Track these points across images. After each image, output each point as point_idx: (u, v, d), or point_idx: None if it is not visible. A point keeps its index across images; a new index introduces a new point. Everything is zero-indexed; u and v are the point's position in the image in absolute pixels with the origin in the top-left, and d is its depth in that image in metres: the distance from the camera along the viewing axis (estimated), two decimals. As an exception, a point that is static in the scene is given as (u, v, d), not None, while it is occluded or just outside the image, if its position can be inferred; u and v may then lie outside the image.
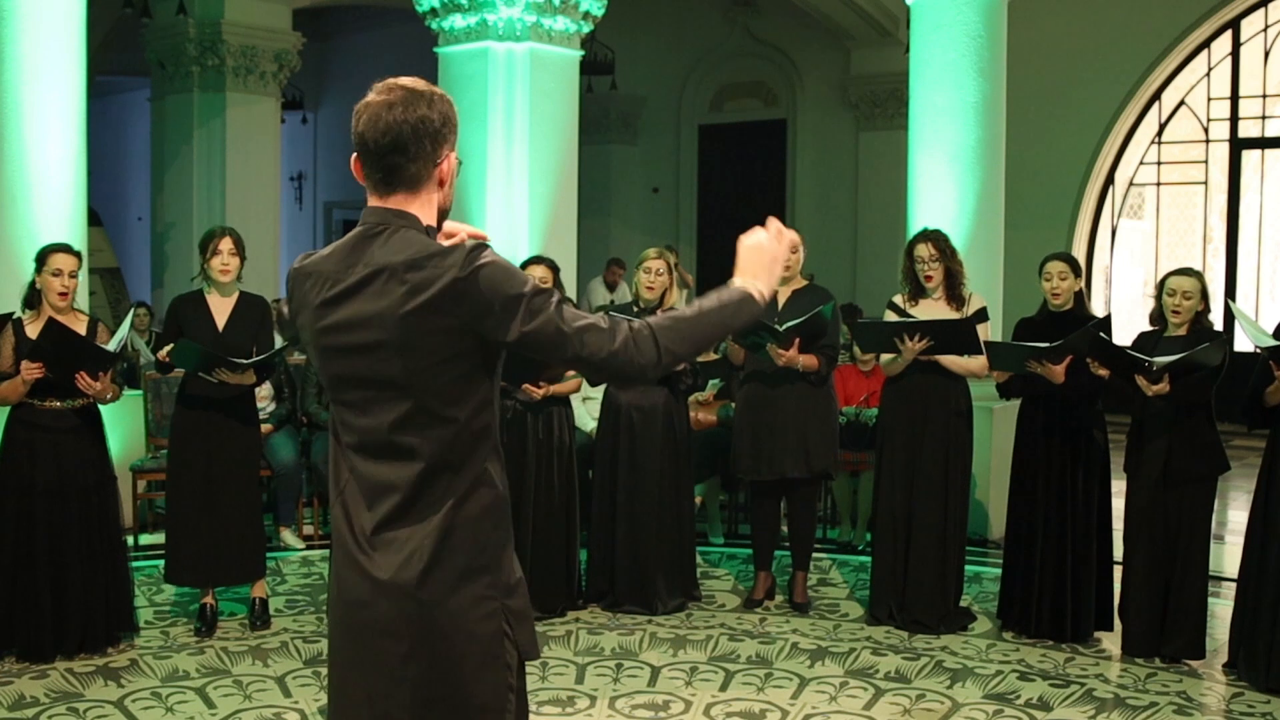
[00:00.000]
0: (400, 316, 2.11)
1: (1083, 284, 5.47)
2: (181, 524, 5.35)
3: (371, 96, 2.18)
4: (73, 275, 4.96)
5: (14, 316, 4.99)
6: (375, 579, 2.16)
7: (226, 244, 5.25)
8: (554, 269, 5.74)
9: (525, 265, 5.77)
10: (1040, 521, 5.33)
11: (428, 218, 2.22)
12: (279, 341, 6.33)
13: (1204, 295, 5.06)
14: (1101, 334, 5.03)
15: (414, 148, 2.17)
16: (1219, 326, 5.33)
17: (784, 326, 5.42)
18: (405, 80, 2.21)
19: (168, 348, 5.17)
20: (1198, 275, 5.15)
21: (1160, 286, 5.17)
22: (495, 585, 2.19)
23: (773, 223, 2.31)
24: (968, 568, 5.79)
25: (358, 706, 2.23)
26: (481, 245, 2.15)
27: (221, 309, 5.29)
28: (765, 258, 2.28)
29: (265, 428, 6.83)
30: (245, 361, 5.11)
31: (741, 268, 2.27)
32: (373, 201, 2.23)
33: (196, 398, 5.26)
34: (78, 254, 5.05)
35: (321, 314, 2.21)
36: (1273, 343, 4.73)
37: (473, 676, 2.17)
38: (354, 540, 2.20)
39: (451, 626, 2.15)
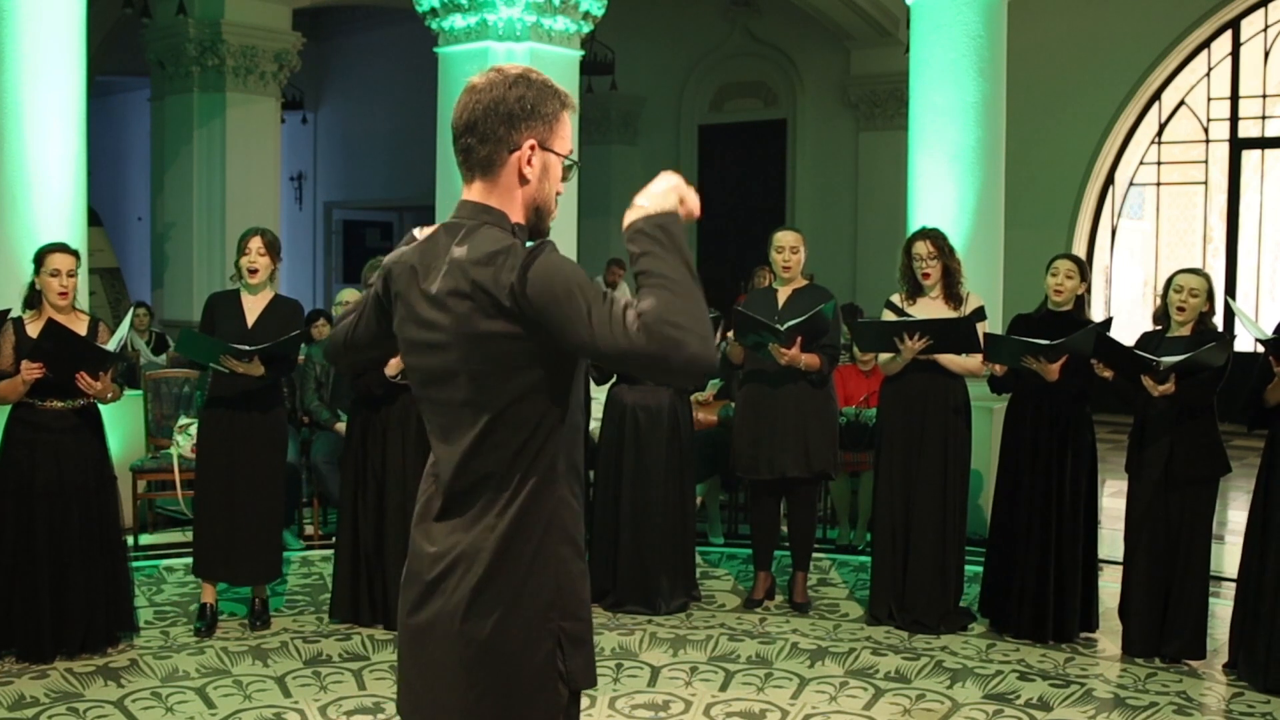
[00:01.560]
0: (461, 320, 2.03)
1: (1086, 288, 5.47)
2: (204, 519, 5.38)
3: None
4: (71, 274, 4.96)
5: (13, 315, 4.99)
6: (429, 579, 2.10)
7: (256, 244, 5.29)
8: None
9: None
10: (1024, 519, 5.34)
11: (514, 213, 2.11)
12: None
13: (1210, 296, 5.06)
14: (1105, 335, 5.03)
15: (482, 128, 2.07)
16: (1221, 329, 5.33)
17: (786, 325, 5.42)
18: (509, 66, 2.13)
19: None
20: (1205, 276, 5.16)
21: (1167, 284, 5.17)
22: (554, 606, 2.09)
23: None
24: (967, 567, 5.78)
25: (416, 705, 2.17)
26: (541, 245, 2.03)
27: (254, 308, 5.32)
28: (660, 186, 2.04)
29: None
30: (248, 348, 5.11)
31: (636, 199, 2.04)
32: (462, 192, 2.15)
33: (221, 398, 5.29)
34: (75, 252, 5.05)
35: (408, 307, 2.14)
36: (1272, 336, 4.73)
37: (524, 698, 2.08)
38: (423, 528, 2.15)
39: (503, 645, 2.06)
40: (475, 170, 2.12)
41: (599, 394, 6.51)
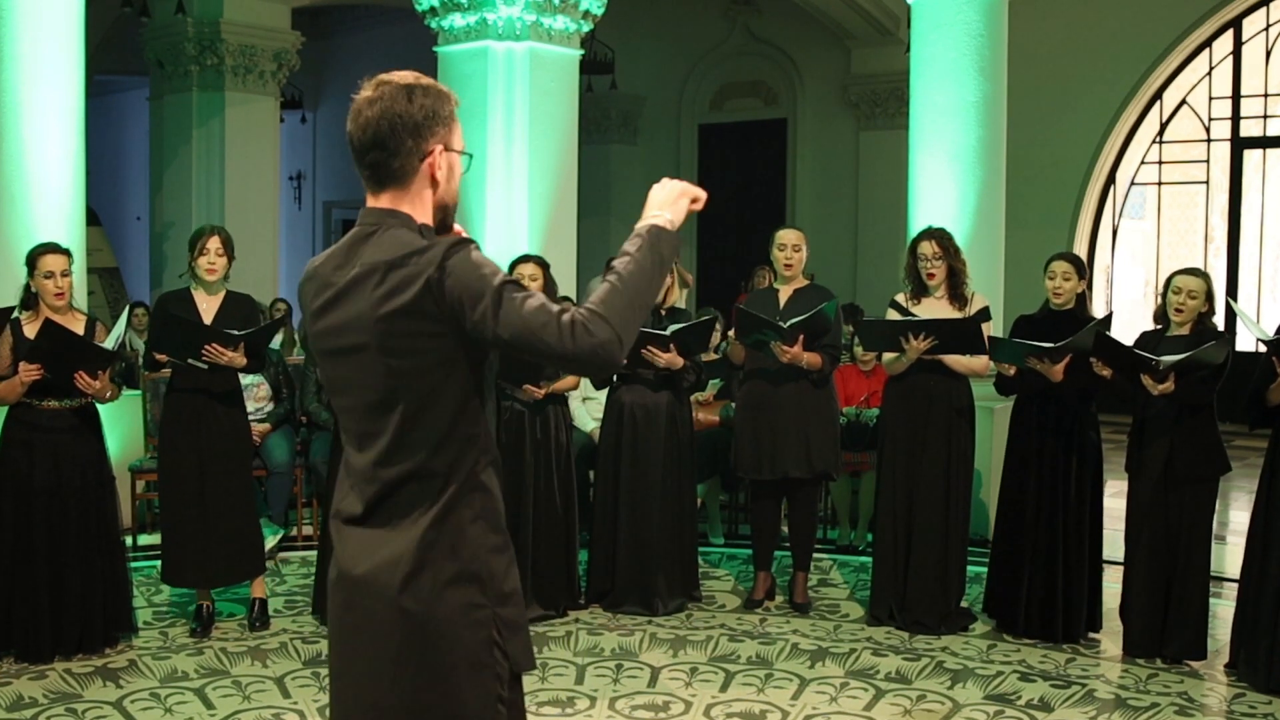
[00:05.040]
0: (379, 318, 2.10)
1: (1086, 286, 5.46)
2: (175, 524, 5.33)
3: (359, 93, 2.16)
4: (65, 274, 4.95)
5: (12, 316, 4.97)
6: (356, 575, 2.17)
7: (214, 243, 5.24)
8: (543, 266, 5.71)
9: (515, 264, 5.73)
10: (1031, 519, 5.33)
11: (422, 215, 2.20)
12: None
13: (1209, 297, 5.05)
14: (1104, 332, 5.02)
15: (392, 143, 2.14)
16: (1221, 329, 5.33)
17: (788, 323, 5.41)
18: (394, 75, 2.18)
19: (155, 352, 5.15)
20: (1204, 276, 5.15)
21: (1165, 285, 5.17)
22: (486, 592, 2.16)
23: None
24: (969, 568, 5.77)
25: (347, 704, 2.24)
26: (461, 241, 2.11)
27: (208, 305, 5.28)
28: (671, 193, 2.22)
29: (264, 427, 6.83)
30: (237, 334, 5.07)
31: (647, 208, 2.20)
32: (368, 201, 2.21)
33: (184, 394, 5.23)
34: (66, 251, 5.03)
35: (317, 317, 2.21)
36: (1273, 337, 4.72)
37: (462, 684, 2.14)
38: (340, 533, 2.22)
39: (437, 633, 2.12)
40: (387, 182, 2.18)
41: (597, 395, 6.51)
